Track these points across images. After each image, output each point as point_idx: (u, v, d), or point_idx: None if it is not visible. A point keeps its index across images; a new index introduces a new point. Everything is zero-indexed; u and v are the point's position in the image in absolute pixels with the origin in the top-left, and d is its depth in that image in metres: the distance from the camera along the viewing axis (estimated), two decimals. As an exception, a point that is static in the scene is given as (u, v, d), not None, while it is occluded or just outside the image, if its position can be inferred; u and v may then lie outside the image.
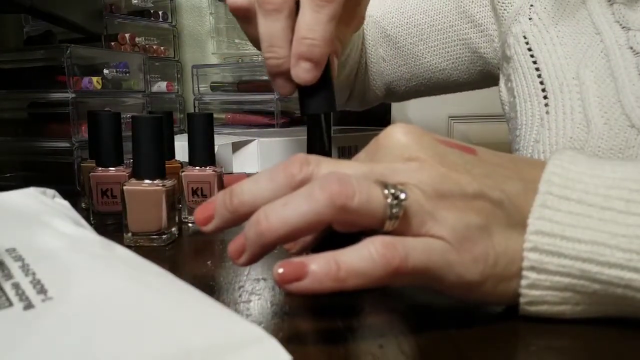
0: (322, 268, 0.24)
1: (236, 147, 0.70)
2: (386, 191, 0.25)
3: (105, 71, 0.75)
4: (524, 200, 0.27)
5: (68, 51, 0.67)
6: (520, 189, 0.27)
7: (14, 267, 0.23)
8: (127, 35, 0.99)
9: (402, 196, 0.25)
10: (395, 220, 0.25)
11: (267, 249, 0.26)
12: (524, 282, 0.26)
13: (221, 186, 0.51)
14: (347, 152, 0.78)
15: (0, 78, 0.71)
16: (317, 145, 0.40)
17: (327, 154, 0.39)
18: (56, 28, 0.84)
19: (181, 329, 0.20)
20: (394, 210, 0.25)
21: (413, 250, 0.25)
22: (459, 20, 0.57)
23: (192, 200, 0.50)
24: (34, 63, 0.72)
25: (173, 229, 0.44)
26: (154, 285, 0.23)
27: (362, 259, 0.24)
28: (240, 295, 0.32)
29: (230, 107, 1.15)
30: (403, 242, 0.25)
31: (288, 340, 0.26)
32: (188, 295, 0.22)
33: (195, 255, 0.42)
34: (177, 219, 0.45)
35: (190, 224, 0.50)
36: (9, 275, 0.23)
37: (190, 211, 0.50)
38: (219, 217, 0.28)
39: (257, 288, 0.33)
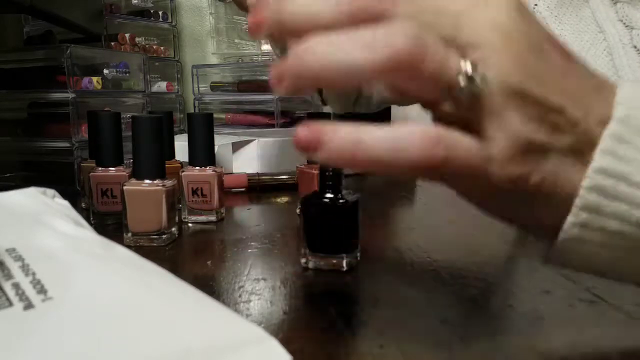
0: (338, 147, 0.22)
1: (236, 147, 0.70)
2: (463, 65, 0.22)
3: (105, 71, 0.75)
4: (596, 123, 0.23)
5: (68, 51, 0.67)
6: (606, 117, 0.23)
7: (14, 267, 0.23)
8: (127, 35, 0.99)
9: (477, 80, 0.22)
10: (456, 105, 0.22)
11: (304, 84, 0.23)
12: (571, 219, 0.24)
13: (221, 186, 0.51)
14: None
15: (0, 78, 0.71)
16: None
17: None
18: (56, 28, 0.84)
19: (181, 329, 0.20)
20: (461, 94, 0.22)
21: (454, 153, 0.22)
22: None
23: (192, 200, 0.50)
24: (34, 63, 0.72)
25: (173, 229, 0.44)
26: (154, 286, 0.23)
27: (391, 150, 0.22)
28: (240, 295, 0.32)
29: (230, 107, 1.15)
30: (448, 140, 0.22)
31: (288, 340, 0.26)
32: (188, 296, 0.22)
33: (195, 255, 0.42)
34: (177, 219, 0.45)
35: (190, 224, 0.50)
36: (9, 275, 0.23)
37: (190, 211, 0.50)
38: (266, 20, 0.24)
39: (257, 288, 0.33)
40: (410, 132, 0.22)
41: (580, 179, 0.23)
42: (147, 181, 0.42)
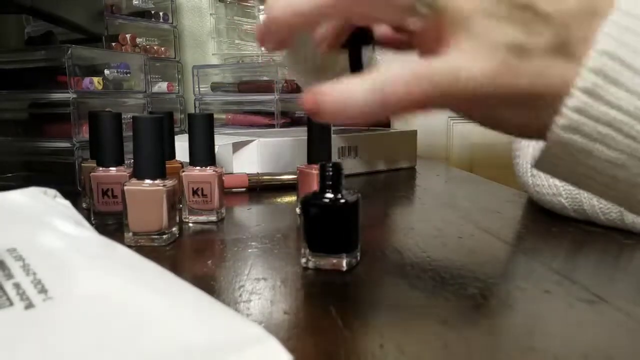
0: (331, 108, 0.24)
1: (236, 147, 0.71)
2: None
3: (106, 72, 0.75)
4: (578, 22, 0.23)
5: (69, 52, 0.67)
6: (577, 9, 0.23)
7: (14, 267, 0.23)
8: (127, 35, 0.99)
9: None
10: (420, 19, 0.23)
11: (278, 34, 0.26)
12: (571, 103, 0.23)
13: (221, 186, 0.51)
14: (347, 152, 0.78)
15: (1, 78, 0.71)
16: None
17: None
18: (57, 28, 0.84)
19: (182, 329, 0.20)
20: (422, 10, 0.23)
21: (437, 85, 0.23)
22: None
23: (193, 200, 0.50)
24: (35, 63, 0.72)
25: (173, 229, 0.44)
26: (154, 285, 0.23)
27: (377, 102, 0.24)
28: (240, 295, 0.32)
29: (230, 108, 1.15)
30: (428, 75, 0.23)
31: (288, 340, 0.26)
32: (189, 295, 0.23)
33: (195, 255, 0.42)
34: (177, 219, 0.45)
35: (190, 224, 0.50)
36: (9, 275, 0.23)
37: (191, 211, 0.50)
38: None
39: (257, 288, 0.33)
40: (391, 79, 0.23)
41: (572, 75, 0.23)
42: (147, 181, 0.42)
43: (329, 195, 0.35)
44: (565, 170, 0.25)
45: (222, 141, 0.69)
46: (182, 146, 0.54)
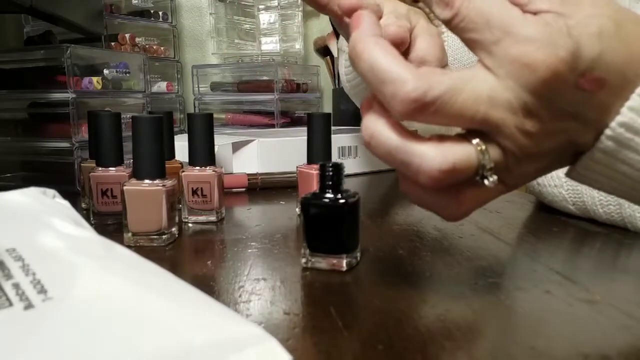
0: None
1: (236, 147, 0.70)
2: (480, 154, 0.27)
3: (106, 71, 0.75)
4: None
5: (68, 51, 0.67)
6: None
7: (14, 267, 0.23)
8: (127, 35, 0.99)
9: (491, 179, 0.28)
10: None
11: None
12: (619, 119, 0.26)
13: (221, 186, 0.51)
14: (347, 152, 0.78)
15: (0, 78, 0.71)
16: None
17: None
18: (56, 28, 0.84)
19: (181, 329, 0.20)
20: (489, 177, 0.28)
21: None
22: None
23: (192, 200, 0.50)
24: (34, 63, 0.72)
25: (173, 229, 0.44)
26: (154, 285, 0.23)
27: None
28: (240, 295, 0.32)
29: (230, 107, 1.15)
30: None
31: (288, 340, 0.26)
32: (188, 295, 0.22)
33: (195, 255, 0.42)
34: (177, 219, 0.45)
35: (190, 224, 0.50)
36: (9, 275, 0.23)
37: (190, 211, 0.50)
38: None
39: (257, 288, 0.33)
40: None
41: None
42: (147, 181, 0.42)
43: (329, 195, 0.35)
44: (606, 170, 0.28)
45: (222, 141, 0.69)
46: (181, 146, 0.54)
